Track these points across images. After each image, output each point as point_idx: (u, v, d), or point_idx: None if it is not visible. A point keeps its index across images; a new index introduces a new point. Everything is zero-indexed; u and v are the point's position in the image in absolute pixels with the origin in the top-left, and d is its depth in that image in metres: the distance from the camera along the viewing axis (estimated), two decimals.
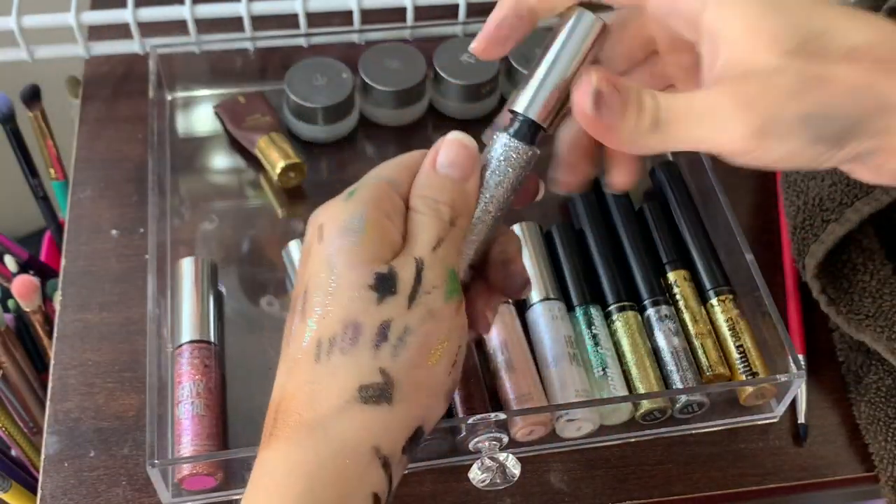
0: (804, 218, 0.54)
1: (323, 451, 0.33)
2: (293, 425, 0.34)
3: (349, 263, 0.35)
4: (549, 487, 0.50)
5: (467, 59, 0.63)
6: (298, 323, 0.35)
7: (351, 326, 0.34)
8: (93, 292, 0.56)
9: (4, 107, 0.66)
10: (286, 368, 0.36)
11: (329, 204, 0.37)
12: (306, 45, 0.66)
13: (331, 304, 0.35)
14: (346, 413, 0.34)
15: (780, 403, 0.52)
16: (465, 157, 0.37)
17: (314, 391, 0.34)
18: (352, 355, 0.34)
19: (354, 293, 0.34)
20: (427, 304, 0.35)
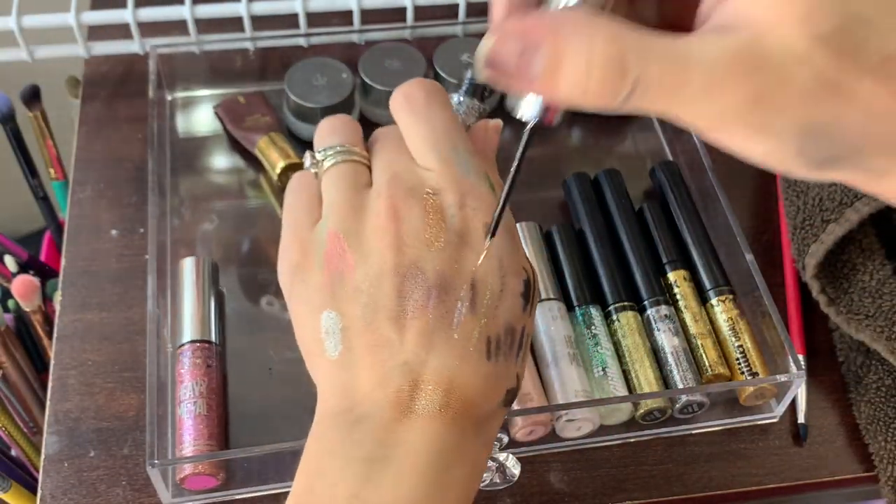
0: (804, 218, 0.54)
1: (483, 443, 0.36)
2: (466, 413, 0.35)
3: (514, 270, 0.37)
4: (549, 487, 0.50)
5: (467, 58, 0.63)
6: (468, 314, 0.35)
7: (510, 332, 0.36)
8: (93, 292, 0.56)
9: (4, 107, 0.66)
10: (456, 354, 0.35)
11: (484, 200, 0.37)
12: (306, 45, 0.66)
13: (500, 306, 0.36)
14: (497, 413, 0.36)
15: (780, 403, 0.52)
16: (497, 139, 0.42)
17: (486, 388, 0.35)
18: (510, 360, 0.36)
19: (515, 301, 0.36)
20: (534, 311, 0.38)
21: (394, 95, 0.40)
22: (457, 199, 0.37)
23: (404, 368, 0.35)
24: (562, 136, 0.65)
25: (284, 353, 0.53)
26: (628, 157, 0.64)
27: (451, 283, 0.36)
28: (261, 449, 0.46)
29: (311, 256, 0.38)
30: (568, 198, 0.59)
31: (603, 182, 0.58)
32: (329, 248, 0.37)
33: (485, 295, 0.36)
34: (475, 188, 0.37)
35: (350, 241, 0.37)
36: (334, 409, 0.35)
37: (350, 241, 0.37)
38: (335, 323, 0.36)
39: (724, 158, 0.66)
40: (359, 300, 0.36)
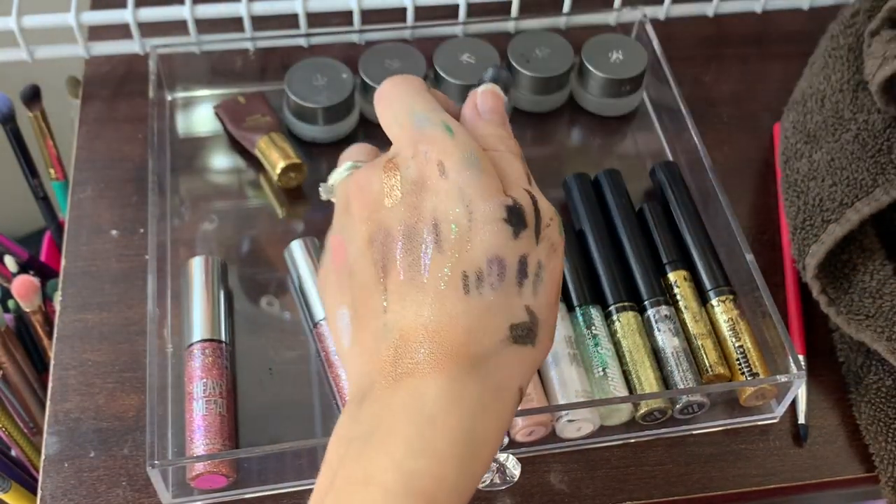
0: (804, 218, 0.54)
1: (484, 389, 0.33)
2: (451, 358, 0.33)
3: (482, 196, 0.35)
4: (549, 487, 0.50)
5: (467, 59, 0.63)
6: (435, 254, 0.34)
7: (495, 262, 0.34)
8: (93, 292, 0.56)
9: (4, 107, 0.66)
10: (426, 299, 0.34)
11: (436, 141, 0.36)
12: (306, 45, 0.66)
13: (471, 238, 0.34)
14: (501, 352, 0.34)
15: (780, 404, 0.52)
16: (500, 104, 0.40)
17: (471, 326, 0.34)
18: (501, 292, 0.34)
19: (493, 226, 0.34)
20: (549, 237, 0.36)
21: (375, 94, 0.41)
22: (410, 151, 0.37)
23: (385, 329, 0.35)
24: (562, 136, 0.65)
25: (285, 354, 0.53)
26: (628, 157, 0.64)
27: (414, 229, 0.35)
28: (271, 448, 0.46)
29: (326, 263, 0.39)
30: (568, 198, 0.59)
31: (603, 182, 0.58)
32: (332, 248, 0.39)
33: (450, 231, 0.35)
34: (425, 134, 0.37)
35: (342, 234, 0.38)
36: (352, 398, 0.35)
37: (342, 235, 0.38)
38: (346, 317, 0.37)
39: (724, 158, 0.66)
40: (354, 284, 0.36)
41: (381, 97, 0.40)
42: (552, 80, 0.64)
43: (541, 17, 0.68)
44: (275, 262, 0.57)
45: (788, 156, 0.58)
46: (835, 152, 0.54)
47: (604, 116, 0.65)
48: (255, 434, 0.50)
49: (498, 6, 0.68)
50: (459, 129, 0.37)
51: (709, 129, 0.65)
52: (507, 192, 0.36)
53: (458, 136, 0.37)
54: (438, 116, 0.37)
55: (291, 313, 0.55)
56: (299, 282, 0.55)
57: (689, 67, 0.69)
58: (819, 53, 0.61)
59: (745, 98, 0.68)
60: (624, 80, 0.63)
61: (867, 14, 0.59)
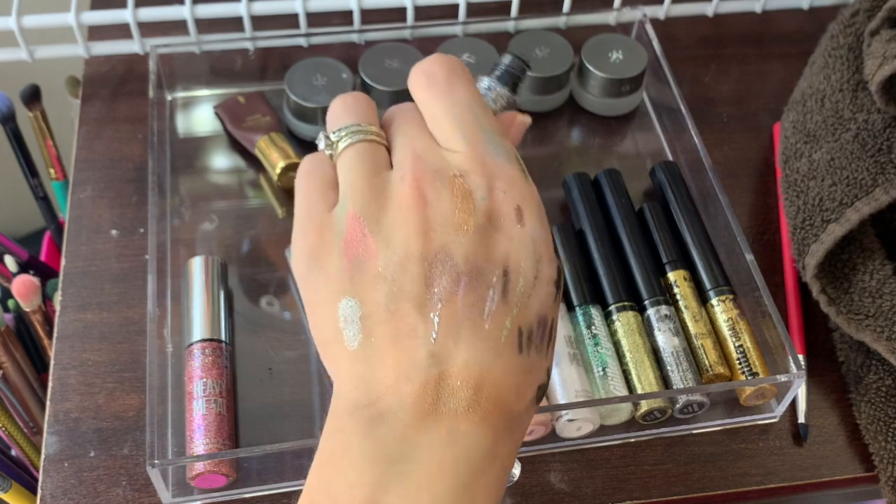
0: (804, 218, 0.54)
1: (514, 443, 0.34)
2: (499, 410, 0.33)
3: (549, 255, 0.35)
4: (549, 487, 0.50)
5: (467, 59, 0.63)
6: (500, 303, 0.33)
7: (543, 323, 0.34)
8: (93, 292, 0.56)
9: (4, 107, 0.66)
10: (486, 346, 0.33)
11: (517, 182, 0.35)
12: (306, 45, 0.66)
13: (534, 295, 0.34)
14: (529, 412, 0.34)
15: (780, 403, 0.52)
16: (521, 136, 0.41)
17: (520, 384, 0.33)
18: (542, 354, 0.34)
19: (550, 288, 0.35)
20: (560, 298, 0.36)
21: (413, 73, 0.38)
22: (485, 181, 0.35)
23: (430, 361, 0.32)
24: (562, 136, 0.65)
25: (284, 353, 0.53)
26: (628, 157, 0.64)
27: (482, 269, 0.33)
28: (271, 448, 0.46)
29: (329, 241, 0.36)
30: (568, 198, 0.59)
31: (603, 182, 0.58)
32: (349, 232, 0.35)
33: (518, 283, 0.34)
34: (504, 170, 0.35)
35: (371, 224, 0.35)
36: (354, 403, 0.33)
37: (371, 225, 0.34)
38: (355, 311, 0.34)
39: (724, 158, 0.66)
40: (381, 287, 0.34)
41: (432, 79, 0.37)
42: (552, 79, 0.64)
43: (541, 17, 0.68)
44: (275, 262, 0.57)
45: (788, 155, 0.58)
46: (835, 152, 0.55)
47: (604, 116, 0.66)
48: (255, 434, 0.50)
49: (498, 6, 0.68)
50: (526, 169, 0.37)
51: (709, 129, 0.65)
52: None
53: (530, 182, 0.36)
54: (512, 149, 0.36)
55: (291, 313, 0.55)
56: None
57: (689, 67, 0.69)
58: (819, 53, 0.62)
59: (745, 98, 0.68)
60: (624, 80, 0.63)
61: (867, 14, 0.59)
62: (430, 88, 0.37)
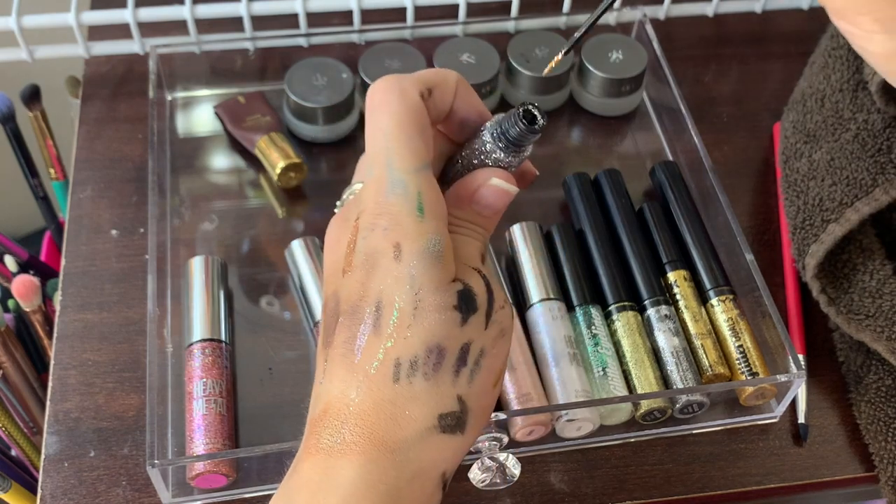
0: (804, 218, 0.54)
1: (401, 475, 0.33)
2: (372, 442, 0.33)
3: (435, 287, 0.34)
4: (549, 487, 0.50)
5: (467, 59, 0.63)
6: (371, 336, 0.34)
7: (435, 351, 0.34)
8: (93, 292, 0.56)
9: (4, 107, 0.66)
10: (355, 379, 0.34)
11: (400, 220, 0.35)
12: (306, 45, 0.66)
13: (414, 325, 0.34)
14: (426, 440, 0.34)
15: (780, 403, 0.52)
16: (505, 202, 0.38)
17: (396, 414, 0.34)
18: (434, 381, 0.34)
19: (441, 315, 0.34)
20: (499, 322, 0.35)
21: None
22: (371, 219, 0.35)
23: (316, 401, 0.35)
24: (562, 136, 0.65)
25: (284, 353, 0.53)
26: (628, 157, 0.64)
27: (357, 307, 0.35)
28: (271, 448, 0.46)
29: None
30: (568, 198, 0.59)
31: (603, 182, 0.58)
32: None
33: (391, 316, 0.34)
34: (393, 207, 0.35)
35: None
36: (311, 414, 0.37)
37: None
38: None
39: (724, 158, 0.66)
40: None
41: (370, 103, 0.37)
42: (552, 79, 0.64)
43: (541, 17, 0.68)
44: (275, 262, 0.57)
45: (788, 155, 0.58)
46: (834, 152, 0.54)
47: (604, 116, 0.65)
48: (255, 434, 0.50)
49: (498, 6, 0.68)
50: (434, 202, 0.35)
51: (709, 129, 0.65)
52: (458, 275, 0.35)
53: (427, 219, 0.35)
54: (414, 185, 0.35)
55: (291, 313, 0.55)
56: (300, 281, 0.55)
57: (689, 67, 0.69)
58: (819, 53, 0.61)
59: (745, 98, 0.68)
60: (624, 80, 0.63)
61: None
62: (367, 113, 0.37)
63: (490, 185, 0.37)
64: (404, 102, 0.36)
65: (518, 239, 0.55)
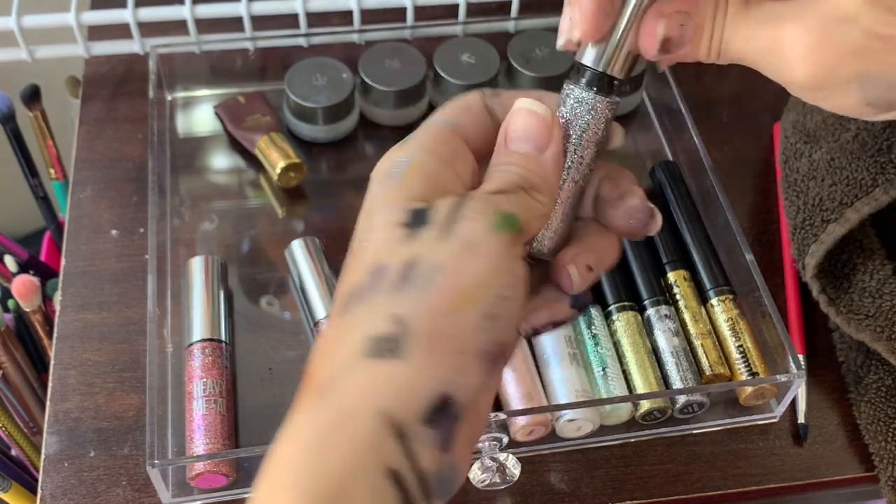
0: (804, 218, 0.54)
1: (327, 417, 0.28)
2: (307, 390, 0.29)
3: (384, 204, 0.31)
4: (549, 487, 0.50)
5: (467, 59, 0.63)
6: (341, 279, 0.31)
7: (375, 271, 0.30)
8: (93, 292, 0.56)
9: (4, 107, 0.66)
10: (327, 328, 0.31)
11: (389, 154, 0.33)
12: (306, 45, 0.66)
13: (363, 251, 0.31)
14: (353, 370, 0.28)
15: (780, 403, 0.52)
16: (537, 128, 0.33)
17: (327, 348, 0.30)
18: (367, 301, 0.29)
19: (384, 233, 0.30)
20: (464, 234, 0.29)
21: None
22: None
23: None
24: None
25: (284, 353, 0.53)
26: (628, 157, 0.64)
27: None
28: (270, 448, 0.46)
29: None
30: None
31: None
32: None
33: (352, 248, 0.32)
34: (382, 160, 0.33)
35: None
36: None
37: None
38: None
39: (724, 158, 0.66)
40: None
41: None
42: (552, 79, 0.63)
43: (541, 17, 0.68)
44: (275, 262, 0.57)
45: (788, 155, 0.58)
46: (834, 152, 0.54)
47: None
48: (255, 434, 0.50)
49: (498, 6, 0.68)
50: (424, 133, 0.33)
51: (709, 129, 0.65)
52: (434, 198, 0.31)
53: (407, 143, 0.33)
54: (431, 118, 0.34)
55: (291, 313, 0.55)
56: (300, 281, 0.55)
57: (689, 67, 0.69)
58: None
59: (745, 98, 0.68)
60: (624, 80, 0.63)
61: None
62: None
63: (514, 109, 0.33)
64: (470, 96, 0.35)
65: None
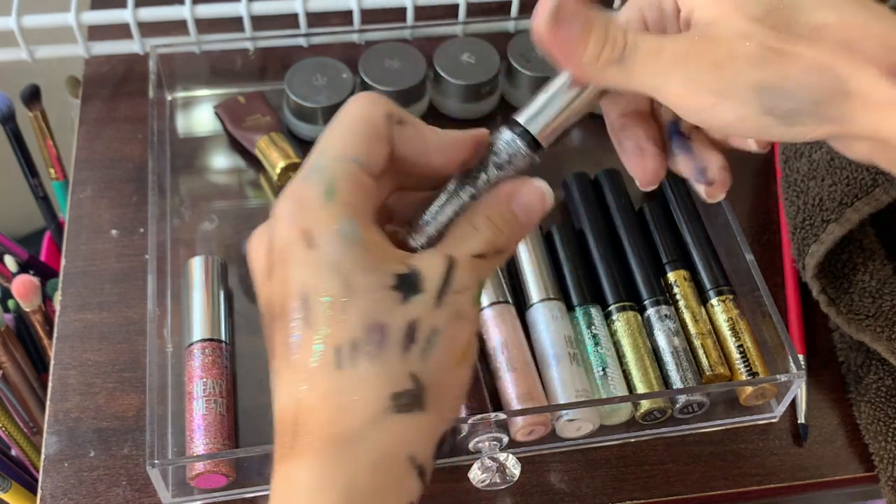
0: (804, 218, 0.54)
1: (359, 466, 0.31)
2: (323, 439, 0.31)
3: (363, 268, 0.32)
4: (549, 487, 0.50)
5: (467, 58, 0.63)
6: (304, 330, 0.32)
7: (376, 328, 0.31)
8: (93, 292, 0.56)
9: (4, 107, 0.66)
10: (298, 378, 0.32)
11: (306, 204, 0.33)
12: (306, 45, 0.66)
13: (348, 309, 0.31)
14: (381, 424, 0.31)
15: (780, 403, 0.52)
16: (540, 210, 0.35)
17: (342, 402, 0.31)
18: (380, 360, 0.31)
19: (375, 295, 0.31)
20: (456, 304, 0.32)
21: None
22: (279, 207, 0.33)
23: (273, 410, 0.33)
24: None
25: None
26: None
27: (284, 305, 0.33)
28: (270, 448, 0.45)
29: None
30: (568, 198, 0.59)
31: (603, 182, 0.58)
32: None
33: (318, 305, 0.32)
34: (300, 191, 0.33)
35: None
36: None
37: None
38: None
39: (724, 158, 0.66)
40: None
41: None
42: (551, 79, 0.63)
43: None
44: None
45: (788, 155, 0.58)
46: (834, 152, 0.54)
47: None
48: (255, 434, 0.50)
49: (498, 6, 0.68)
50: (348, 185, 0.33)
51: None
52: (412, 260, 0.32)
53: (338, 202, 0.32)
54: (331, 171, 0.33)
55: None
56: None
57: None
58: None
59: None
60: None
61: None
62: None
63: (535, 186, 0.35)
64: (365, 109, 0.35)
65: None
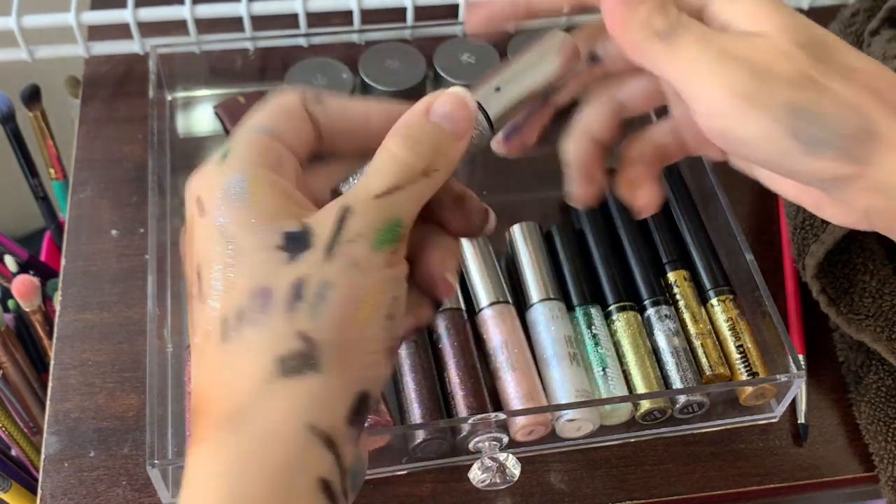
0: (804, 218, 0.54)
1: (247, 443, 0.28)
2: (213, 422, 0.29)
3: (247, 227, 0.30)
4: (549, 487, 0.50)
5: (467, 59, 0.63)
6: (198, 305, 0.30)
7: (260, 293, 0.29)
8: (93, 292, 0.56)
9: (4, 107, 0.66)
10: (195, 358, 0.30)
11: (202, 171, 0.32)
12: (306, 45, 0.66)
13: (233, 276, 0.29)
14: (267, 392, 0.28)
15: (780, 403, 0.52)
16: (464, 116, 0.33)
17: (229, 377, 0.29)
18: (262, 324, 0.29)
19: (260, 256, 0.29)
20: (348, 253, 0.29)
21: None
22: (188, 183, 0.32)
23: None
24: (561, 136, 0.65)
25: None
26: None
27: (189, 283, 0.31)
28: None
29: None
30: None
31: None
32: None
33: (212, 272, 0.30)
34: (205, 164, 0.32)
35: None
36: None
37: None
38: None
39: None
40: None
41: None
42: None
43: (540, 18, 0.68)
44: None
45: None
46: None
47: None
48: None
49: None
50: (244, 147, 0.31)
51: None
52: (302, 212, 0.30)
53: (230, 160, 0.31)
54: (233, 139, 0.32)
55: None
56: None
57: None
58: None
59: None
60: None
61: (867, 14, 0.59)
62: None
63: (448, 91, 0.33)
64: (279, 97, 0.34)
65: (518, 239, 0.55)
